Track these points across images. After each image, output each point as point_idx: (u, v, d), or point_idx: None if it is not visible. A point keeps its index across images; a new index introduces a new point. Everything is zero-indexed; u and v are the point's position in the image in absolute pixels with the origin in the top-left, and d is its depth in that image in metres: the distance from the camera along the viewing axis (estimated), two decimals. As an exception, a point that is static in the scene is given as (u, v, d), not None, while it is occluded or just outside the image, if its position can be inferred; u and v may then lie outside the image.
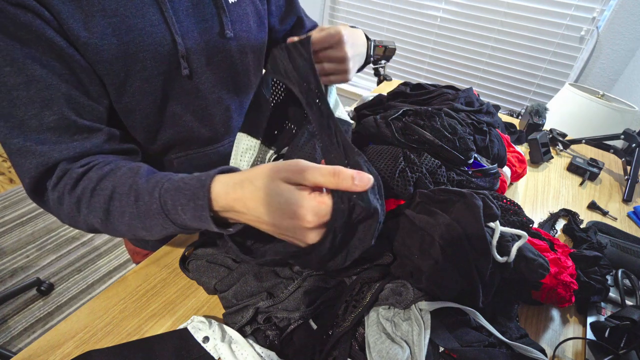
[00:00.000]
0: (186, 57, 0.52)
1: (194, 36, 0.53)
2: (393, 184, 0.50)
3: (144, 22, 0.47)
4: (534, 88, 1.76)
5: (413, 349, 0.39)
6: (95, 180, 0.44)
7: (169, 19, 0.49)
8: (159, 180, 0.42)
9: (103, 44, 0.45)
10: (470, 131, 0.59)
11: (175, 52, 0.51)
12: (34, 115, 0.43)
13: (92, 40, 0.44)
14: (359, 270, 0.48)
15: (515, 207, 0.53)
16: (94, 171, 0.45)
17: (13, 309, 1.43)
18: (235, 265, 0.49)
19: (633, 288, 0.57)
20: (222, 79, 0.60)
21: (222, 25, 0.56)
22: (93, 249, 1.71)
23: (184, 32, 0.51)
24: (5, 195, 1.94)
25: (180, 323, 0.46)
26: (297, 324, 0.43)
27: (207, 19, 0.54)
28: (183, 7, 0.51)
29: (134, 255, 0.79)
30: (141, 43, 0.47)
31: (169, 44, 0.50)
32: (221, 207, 0.38)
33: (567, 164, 0.91)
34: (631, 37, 1.46)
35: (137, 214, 0.42)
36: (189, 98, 0.56)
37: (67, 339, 0.44)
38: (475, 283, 0.40)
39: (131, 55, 0.47)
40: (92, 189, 0.44)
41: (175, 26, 0.50)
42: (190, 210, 0.39)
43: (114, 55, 0.46)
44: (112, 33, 0.45)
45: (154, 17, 0.48)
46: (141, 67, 0.49)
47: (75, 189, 0.45)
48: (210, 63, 0.57)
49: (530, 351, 0.39)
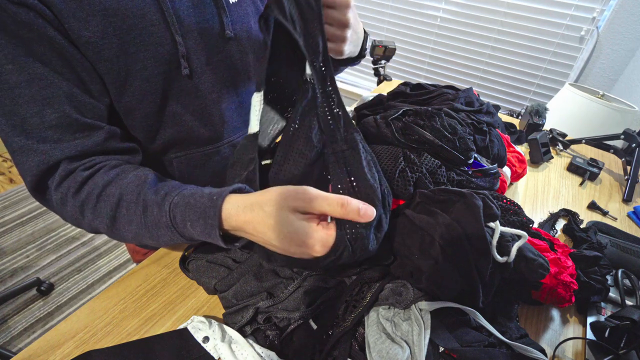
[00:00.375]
0: (186, 57, 0.53)
1: (194, 36, 0.53)
2: (393, 184, 0.50)
3: (144, 21, 0.47)
4: (534, 88, 1.76)
5: (413, 349, 0.39)
6: (101, 185, 0.45)
7: (169, 19, 0.49)
8: (168, 192, 0.43)
9: (104, 43, 0.45)
10: (470, 131, 0.59)
11: (176, 51, 0.51)
12: (36, 114, 0.43)
13: (93, 39, 0.44)
14: (359, 270, 0.48)
15: (515, 207, 0.53)
16: (99, 175, 0.46)
17: (13, 309, 1.43)
18: (235, 265, 0.49)
19: (633, 288, 0.57)
20: (222, 79, 0.60)
21: (222, 26, 0.56)
22: (93, 249, 1.71)
23: (184, 32, 0.52)
24: (5, 195, 1.94)
25: (180, 323, 0.46)
26: (297, 324, 0.43)
27: (207, 19, 0.54)
28: (184, 7, 0.51)
29: (133, 254, 0.79)
30: (141, 42, 0.48)
31: (169, 44, 0.50)
32: (231, 227, 0.39)
33: (567, 164, 0.91)
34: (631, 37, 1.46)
35: (145, 224, 0.43)
36: (189, 98, 0.56)
37: (67, 339, 0.44)
38: (475, 283, 0.40)
39: (131, 54, 0.47)
40: (97, 194, 0.44)
41: (176, 26, 0.50)
42: (200, 227, 0.40)
43: (114, 54, 0.46)
44: (113, 32, 0.45)
45: (154, 16, 0.48)
46: (142, 67, 0.49)
47: (80, 193, 0.45)
48: (210, 63, 0.57)
49: (530, 351, 0.39)
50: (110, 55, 0.46)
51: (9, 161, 2.19)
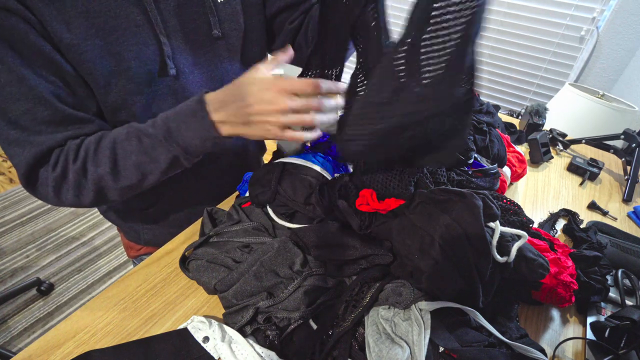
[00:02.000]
0: (172, 57, 0.53)
1: (180, 36, 0.53)
2: (394, 184, 0.50)
3: (127, 22, 0.48)
4: (534, 88, 1.76)
5: (413, 349, 0.39)
6: (94, 142, 0.49)
7: (153, 19, 0.49)
8: (154, 119, 0.50)
9: (86, 45, 0.45)
10: (470, 131, 0.59)
11: (161, 52, 0.52)
12: (28, 110, 0.45)
13: (75, 41, 0.45)
14: (359, 270, 0.48)
15: (515, 207, 0.53)
16: (88, 139, 0.50)
17: (13, 309, 1.43)
18: (235, 265, 0.49)
19: (633, 288, 0.57)
20: (211, 78, 0.60)
21: (209, 25, 0.56)
22: (93, 249, 1.71)
23: (169, 32, 0.52)
24: (5, 195, 1.94)
25: (180, 323, 0.46)
26: (297, 324, 0.43)
27: (194, 18, 0.54)
28: (169, 8, 0.51)
29: (128, 250, 0.80)
30: (125, 42, 0.48)
31: (154, 44, 0.51)
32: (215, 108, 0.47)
33: (567, 164, 0.91)
34: (631, 37, 1.46)
35: (144, 150, 0.49)
36: (176, 98, 0.56)
37: (67, 339, 0.44)
38: (475, 283, 0.40)
39: (115, 54, 0.48)
40: (94, 149, 0.49)
41: (160, 26, 0.50)
42: (194, 123, 0.48)
43: (98, 54, 0.47)
44: (96, 34, 0.46)
45: (138, 17, 0.48)
46: (126, 67, 0.49)
47: (78, 156, 0.49)
48: (197, 63, 0.57)
49: (530, 351, 0.39)
50: (93, 57, 0.46)
51: (9, 161, 2.19)
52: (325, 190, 0.55)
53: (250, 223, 0.54)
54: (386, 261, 0.47)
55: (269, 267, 0.47)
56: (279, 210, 0.56)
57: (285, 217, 0.56)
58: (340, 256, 0.48)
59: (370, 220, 0.50)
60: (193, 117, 0.48)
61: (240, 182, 0.67)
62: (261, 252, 0.49)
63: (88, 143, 0.49)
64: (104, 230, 1.80)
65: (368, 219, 0.50)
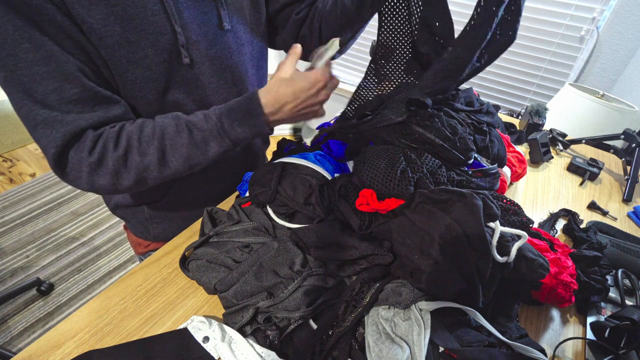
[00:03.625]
0: (186, 46, 0.54)
1: (194, 27, 0.55)
2: (394, 184, 0.50)
3: (144, 11, 0.49)
4: (534, 88, 1.76)
5: (413, 349, 0.39)
6: (136, 131, 0.50)
7: (168, 9, 0.51)
8: (206, 112, 0.54)
9: (106, 31, 0.46)
10: (470, 131, 0.59)
11: (176, 41, 0.53)
12: (55, 89, 0.45)
13: (95, 25, 0.46)
14: (359, 270, 0.48)
15: (515, 207, 0.53)
16: (128, 126, 0.51)
17: (13, 309, 1.43)
18: (235, 265, 0.49)
19: (633, 288, 0.57)
20: (221, 69, 0.61)
21: (220, 18, 0.58)
22: (93, 249, 1.71)
23: (183, 23, 0.53)
24: (5, 195, 1.94)
25: (180, 323, 0.46)
26: (297, 324, 0.43)
27: (205, 11, 0.56)
28: (183, 0, 0.53)
29: (136, 247, 0.80)
30: (142, 31, 0.49)
31: (169, 34, 0.52)
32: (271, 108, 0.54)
33: (567, 164, 0.91)
34: (631, 37, 1.46)
35: (195, 143, 0.52)
36: (189, 87, 0.58)
37: (67, 339, 0.44)
38: (475, 283, 0.40)
39: (133, 42, 0.49)
40: (138, 138, 0.50)
41: (175, 17, 0.52)
42: (248, 121, 0.53)
43: (116, 41, 0.48)
44: (115, 21, 0.47)
45: (155, 7, 0.50)
46: (142, 55, 0.51)
47: (119, 144, 0.49)
48: (209, 54, 0.59)
49: (530, 351, 0.39)
50: (112, 43, 0.47)
51: (9, 161, 2.19)
52: (325, 190, 0.55)
53: (250, 223, 0.54)
54: (386, 261, 0.47)
55: (269, 267, 0.48)
56: (279, 210, 0.56)
57: (285, 217, 0.56)
58: (340, 256, 0.48)
59: (370, 220, 0.50)
60: (248, 115, 0.53)
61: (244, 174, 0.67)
62: (261, 252, 0.49)
63: (130, 131, 0.50)
64: (104, 230, 1.80)
65: (368, 219, 0.50)
